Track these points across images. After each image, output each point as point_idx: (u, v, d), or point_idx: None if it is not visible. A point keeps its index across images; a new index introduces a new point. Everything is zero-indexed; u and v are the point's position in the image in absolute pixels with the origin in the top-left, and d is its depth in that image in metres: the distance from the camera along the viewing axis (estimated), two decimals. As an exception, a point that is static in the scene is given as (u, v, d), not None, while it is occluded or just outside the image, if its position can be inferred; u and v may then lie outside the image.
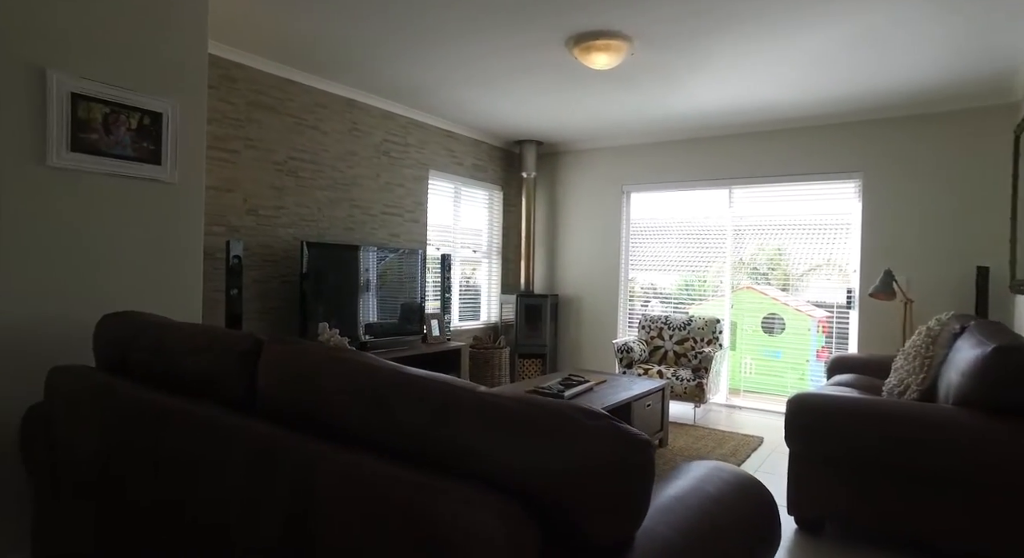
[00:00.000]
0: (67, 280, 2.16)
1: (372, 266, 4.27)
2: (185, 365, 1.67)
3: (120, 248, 2.30)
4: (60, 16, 2.13)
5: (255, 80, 3.74)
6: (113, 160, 2.27)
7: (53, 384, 1.92)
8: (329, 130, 4.22)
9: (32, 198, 2.08)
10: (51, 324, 2.13)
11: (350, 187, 4.37)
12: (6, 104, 2.02)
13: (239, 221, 3.68)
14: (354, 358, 1.37)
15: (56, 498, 1.93)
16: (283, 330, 3.92)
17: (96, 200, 2.23)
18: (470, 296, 5.76)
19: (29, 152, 2.07)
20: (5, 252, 2.02)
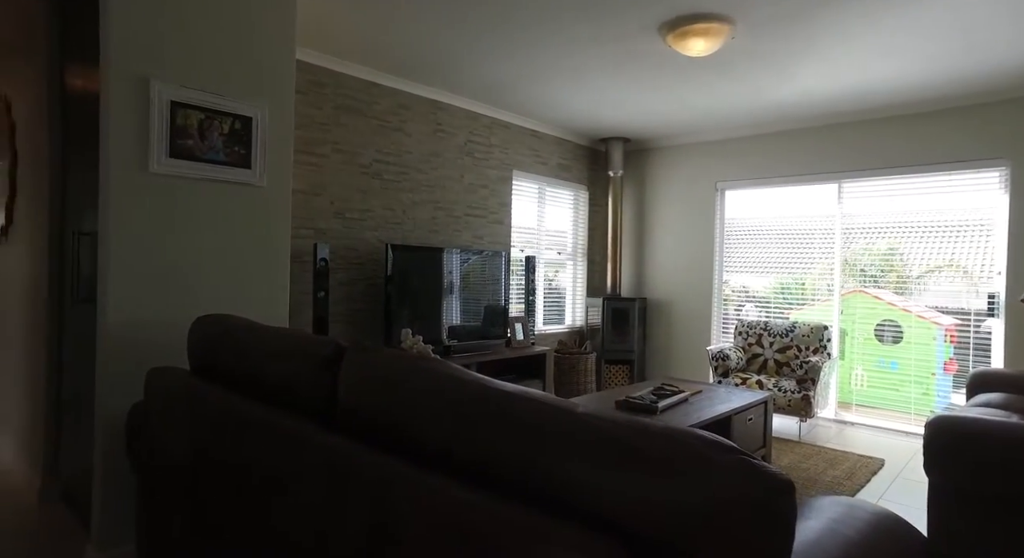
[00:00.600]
0: (167, 283, 2.21)
1: (455, 268, 4.21)
2: (267, 370, 1.62)
3: (214, 251, 2.33)
4: (161, 29, 2.18)
5: (342, 84, 3.78)
6: (207, 165, 2.30)
7: (150, 384, 1.96)
8: (413, 132, 4.21)
9: (135, 204, 2.13)
10: (154, 325, 2.18)
11: (434, 189, 4.34)
12: (118, 115, 2.08)
13: (326, 224, 3.72)
14: (438, 369, 1.25)
15: (153, 494, 1.96)
16: (368, 333, 3.94)
17: (191, 204, 2.27)
18: (554, 299, 5.61)
19: (134, 159, 2.12)
20: (113, 257, 2.08)
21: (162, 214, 2.20)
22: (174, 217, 2.23)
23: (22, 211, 3.16)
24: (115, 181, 2.10)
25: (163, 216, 2.20)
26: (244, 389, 1.69)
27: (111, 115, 2.08)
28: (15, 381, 3.30)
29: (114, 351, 2.10)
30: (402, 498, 1.04)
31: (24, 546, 2.30)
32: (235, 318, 1.96)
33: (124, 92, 2.10)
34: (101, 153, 2.13)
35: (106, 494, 2.13)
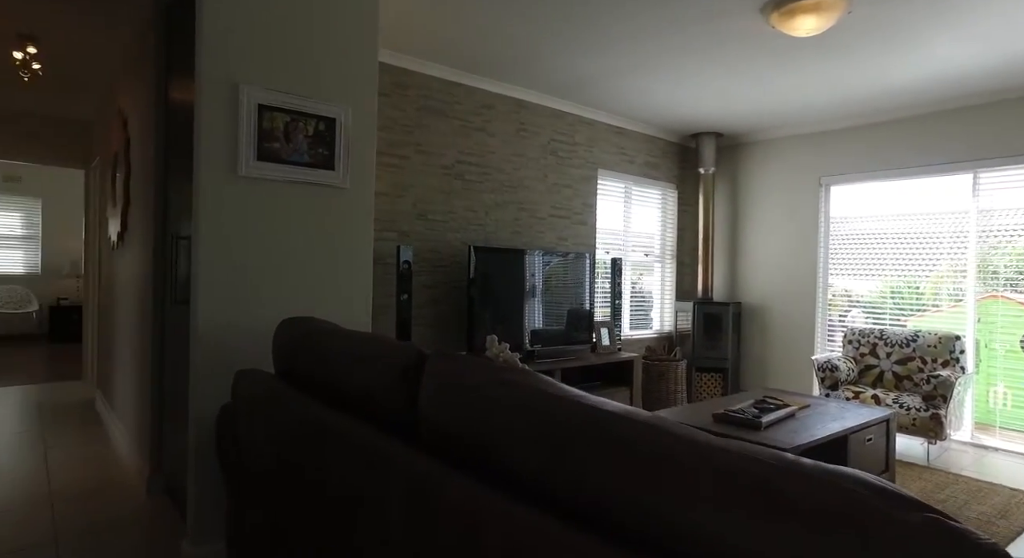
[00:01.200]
0: (254, 285, 2.21)
1: (538, 271, 4.08)
2: (347, 377, 1.55)
3: (298, 254, 2.33)
4: (250, 35, 2.19)
5: (424, 85, 3.75)
6: (291, 167, 2.30)
7: (237, 387, 1.95)
8: (496, 131, 4.12)
9: (224, 207, 2.15)
10: (242, 327, 2.19)
11: (517, 189, 4.24)
12: (210, 120, 2.11)
13: (409, 226, 3.70)
14: (529, 384, 1.11)
15: (240, 496, 1.96)
16: (451, 337, 3.88)
17: (277, 207, 2.27)
18: (639, 303, 5.35)
19: (224, 163, 2.15)
20: (203, 260, 2.11)
21: (249, 217, 2.21)
22: (260, 220, 2.24)
23: (134, 218, 3.34)
24: (206, 185, 2.12)
25: (250, 219, 2.21)
26: (324, 395, 1.63)
27: (203, 121, 2.11)
28: (129, 375, 3.50)
29: (205, 352, 2.13)
30: (494, 534, 0.91)
31: (132, 536, 2.38)
32: (317, 321, 1.92)
33: (215, 98, 2.13)
34: (195, 158, 2.17)
35: (200, 492, 2.16)
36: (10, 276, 7.68)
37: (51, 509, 2.63)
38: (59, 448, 3.49)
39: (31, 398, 4.74)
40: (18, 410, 4.36)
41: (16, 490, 2.86)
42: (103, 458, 3.33)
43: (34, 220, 7.88)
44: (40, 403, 4.59)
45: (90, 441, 3.65)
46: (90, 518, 2.55)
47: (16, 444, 3.55)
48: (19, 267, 7.79)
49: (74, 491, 2.84)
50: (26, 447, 3.49)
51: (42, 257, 7.93)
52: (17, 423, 4.01)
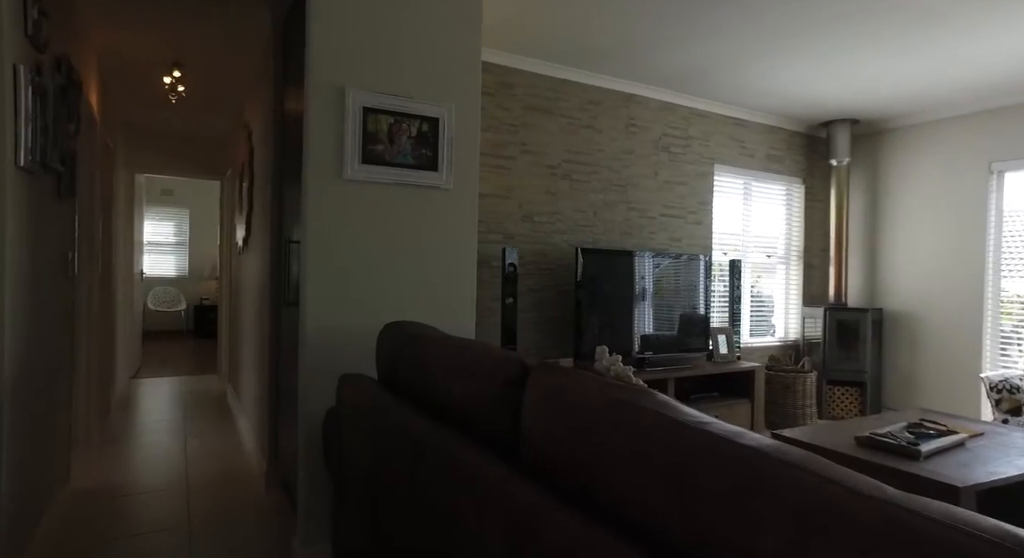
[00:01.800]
0: (360, 288, 2.21)
1: (649, 273, 3.84)
2: (446, 387, 1.46)
3: (402, 257, 2.30)
4: (356, 39, 2.20)
5: (530, 83, 3.66)
6: (395, 169, 2.28)
7: (341, 391, 1.95)
8: (604, 128, 3.94)
9: (331, 211, 2.17)
10: (348, 330, 2.20)
11: (626, 188, 4.03)
12: (318, 125, 2.14)
13: (515, 228, 3.62)
14: (643, 405, 0.95)
15: (343, 501, 1.95)
16: (557, 342, 3.75)
17: (381, 209, 2.26)
18: (759, 308, 4.92)
19: (330, 167, 2.17)
20: (311, 264, 2.14)
21: (354, 220, 2.21)
22: (365, 222, 2.23)
23: (256, 224, 3.54)
24: (313, 189, 2.15)
25: (355, 222, 2.21)
26: (424, 405, 1.56)
27: (312, 125, 2.14)
28: (251, 373, 3.71)
29: (313, 355, 2.15)
30: (599, 590, 0.76)
31: (250, 529, 2.48)
32: (419, 326, 1.86)
33: (323, 103, 2.15)
34: (303, 163, 2.21)
35: (308, 493, 2.19)
36: (163, 278, 8.60)
37: (186, 496, 2.82)
38: (196, 437, 3.77)
39: (176, 388, 5.22)
40: (168, 399, 4.80)
41: (161, 474, 3.10)
42: (231, 449, 3.55)
43: (183, 228, 8.77)
44: (183, 393, 5.03)
45: (221, 432, 3.92)
46: (217, 507, 2.70)
47: (165, 430, 3.89)
48: (171, 270, 8.71)
49: (206, 480, 3.03)
50: (171, 434, 3.81)
51: (189, 261, 8.81)
52: (167, 411, 4.41)
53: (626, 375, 1.34)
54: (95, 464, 3.24)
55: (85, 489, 2.87)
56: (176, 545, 2.34)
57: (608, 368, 1.36)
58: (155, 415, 4.31)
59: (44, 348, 2.21)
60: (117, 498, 2.77)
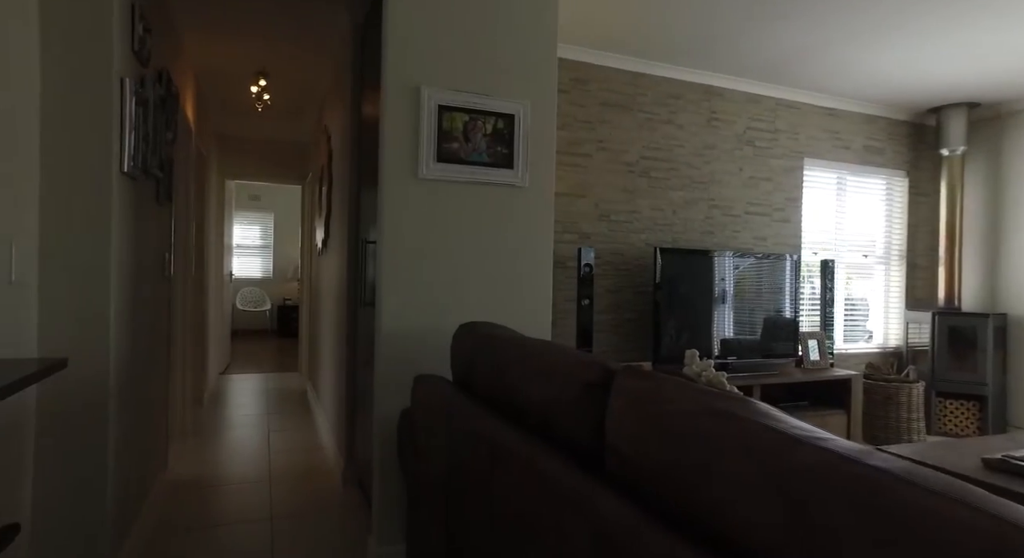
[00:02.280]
0: (435, 288, 2.20)
1: (732, 274, 3.64)
2: (524, 390, 1.40)
3: (477, 256, 2.27)
4: (431, 38, 2.19)
5: (606, 78, 3.55)
6: (471, 167, 2.25)
7: (416, 392, 1.93)
8: (684, 123, 3.77)
9: (406, 210, 2.16)
10: (423, 331, 2.19)
11: (708, 185, 3.84)
12: (394, 124, 2.15)
13: (591, 228, 3.52)
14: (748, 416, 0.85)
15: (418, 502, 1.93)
16: (635, 345, 3.62)
17: (456, 208, 2.23)
18: (853, 312, 4.56)
19: (406, 167, 2.16)
20: (387, 264, 2.14)
21: (429, 219, 2.20)
22: (440, 222, 2.21)
23: (334, 226, 3.63)
24: (389, 189, 2.15)
25: (430, 221, 2.20)
26: (501, 408, 1.50)
27: (388, 125, 2.15)
28: (328, 371, 3.80)
29: (388, 355, 2.15)
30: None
31: (328, 525, 2.52)
32: (494, 327, 1.82)
33: (399, 102, 2.15)
34: (379, 163, 2.22)
35: (384, 493, 2.19)
36: (250, 279, 9.07)
37: (269, 490, 2.91)
38: (278, 432, 3.91)
39: (261, 385, 5.46)
40: (253, 396, 5.03)
41: (246, 467, 3.22)
42: (310, 445, 3.65)
43: (268, 231, 9.23)
44: (267, 390, 5.26)
45: (301, 428, 4.05)
46: (297, 502, 2.77)
47: (250, 425, 4.06)
48: (257, 272, 9.18)
49: (287, 474, 3.12)
50: (256, 428, 3.98)
51: (273, 263, 9.26)
52: (252, 407, 4.61)
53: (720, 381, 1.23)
54: (188, 455, 3.41)
55: (180, 479, 3.03)
56: (260, 538, 2.40)
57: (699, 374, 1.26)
58: (242, 410, 4.51)
59: (145, 345, 2.33)
60: (207, 488, 2.90)
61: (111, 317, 1.83)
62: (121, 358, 1.97)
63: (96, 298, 1.80)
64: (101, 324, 1.81)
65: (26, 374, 1.31)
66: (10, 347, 1.59)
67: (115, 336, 1.87)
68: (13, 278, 1.60)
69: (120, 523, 2.01)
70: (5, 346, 1.57)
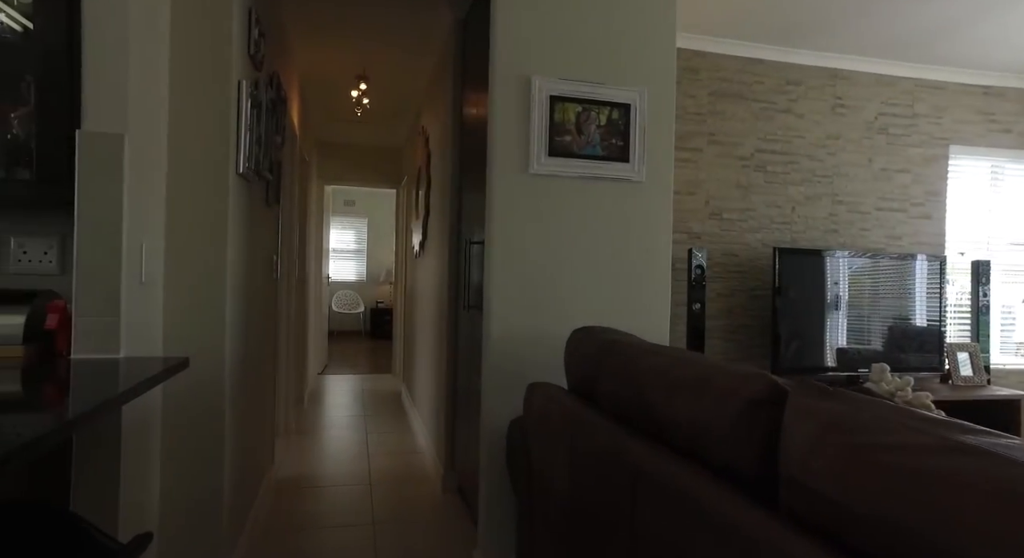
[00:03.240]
0: (546, 290, 2.07)
1: (860, 277, 3.26)
2: (665, 406, 1.23)
3: (591, 256, 2.11)
4: (541, 26, 2.07)
5: (718, 66, 3.30)
6: (584, 161, 2.10)
7: (529, 402, 1.80)
8: (805, 111, 3.44)
9: (516, 208, 2.05)
10: (534, 335, 2.06)
11: (832, 179, 3.48)
12: (503, 118, 2.04)
13: (701, 227, 3.27)
14: (1004, 454, 0.65)
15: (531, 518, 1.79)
16: (749, 354, 3.33)
17: (568, 205, 2.09)
18: (1012, 322, 3.99)
19: (516, 162, 2.05)
20: (496, 265, 2.03)
21: (540, 217, 2.07)
22: (552, 220, 2.08)
23: (433, 227, 3.59)
24: (498, 186, 2.04)
25: (541, 219, 2.07)
26: (632, 423, 1.34)
27: (497, 119, 2.04)
28: (426, 374, 3.77)
29: (497, 360, 2.04)
30: None
31: (430, 533, 2.45)
32: (615, 333, 1.65)
33: (508, 94, 2.04)
34: (488, 159, 2.12)
35: (490, 505, 2.07)
36: (345, 283, 9.38)
37: (369, 493, 2.89)
38: (375, 433, 3.93)
39: (357, 386, 5.57)
40: (349, 396, 5.12)
41: (346, 468, 3.23)
42: (407, 448, 3.62)
43: (362, 235, 9.52)
44: (363, 391, 5.34)
45: (397, 430, 4.05)
46: (397, 507, 2.72)
47: (348, 425, 4.12)
48: (352, 275, 9.48)
49: (386, 478, 3.10)
50: (353, 429, 4.02)
51: (366, 266, 9.53)
52: (349, 407, 4.69)
53: (925, 404, 1.00)
54: (292, 453, 3.47)
55: (286, 476, 3.07)
56: (363, 543, 2.36)
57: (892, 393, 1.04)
58: (339, 410, 4.59)
59: (256, 345, 2.35)
60: (311, 488, 2.91)
61: (227, 317, 1.83)
62: (235, 357, 1.98)
63: (213, 298, 1.80)
64: (218, 324, 1.81)
65: (151, 375, 1.29)
66: (140, 345, 1.61)
67: (230, 336, 1.87)
68: (143, 278, 1.61)
69: (235, 522, 2.01)
70: (136, 344, 1.58)
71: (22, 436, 0.80)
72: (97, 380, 1.29)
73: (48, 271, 1.69)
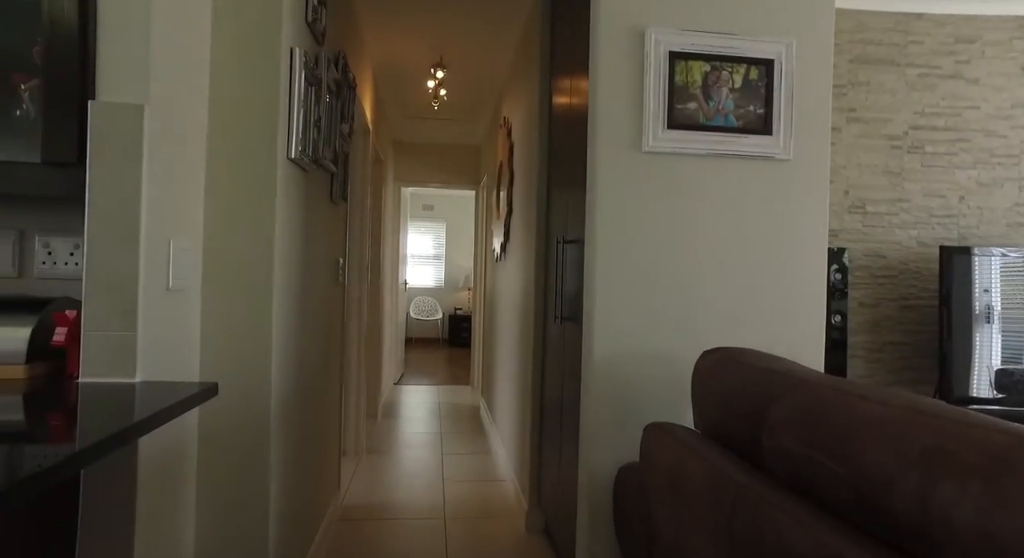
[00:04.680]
0: (664, 301, 1.62)
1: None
2: (913, 498, 0.75)
3: (718, 256, 1.64)
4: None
5: (862, 26, 2.71)
6: (713, 135, 1.64)
7: (648, 449, 1.35)
8: (980, 75, 2.78)
9: (626, 195, 1.61)
10: (649, 356, 1.61)
11: (1018, 159, 2.79)
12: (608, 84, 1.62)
13: (839, 222, 2.70)
14: None
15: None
16: (898, 378, 2.70)
17: (691, 192, 1.63)
18: None
19: (625, 138, 1.62)
20: (601, 269, 1.61)
21: (657, 205, 1.62)
22: (672, 210, 1.63)
23: (516, 227, 3.21)
24: (603, 170, 1.62)
25: (659, 209, 1.62)
26: (846, 513, 0.87)
27: (601, 85, 1.62)
28: (508, 393, 3.38)
29: (600, 390, 1.60)
30: None
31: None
32: (769, 358, 1.18)
33: (615, 53, 1.61)
34: (589, 138, 1.70)
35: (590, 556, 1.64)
36: (423, 289, 9.21)
37: (444, 526, 2.53)
38: (452, 455, 3.58)
39: (433, 399, 5.27)
40: (425, 410, 4.83)
41: (419, 496, 2.90)
42: (487, 475, 3.24)
43: (440, 240, 9.33)
44: (439, 404, 5.04)
45: (476, 452, 3.68)
46: (475, 546, 2.35)
47: (423, 444, 3.80)
48: (430, 281, 9.31)
49: (463, 509, 2.73)
50: (429, 449, 3.69)
51: (444, 272, 9.33)
52: (424, 422, 4.38)
53: None
54: (362, 476, 3.18)
55: (354, 504, 2.77)
56: (436, 599, 1.99)
57: None
58: (414, 426, 4.29)
59: (316, 357, 2.04)
60: (381, 520, 2.59)
61: (273, 330, 1.51)
62: (286, 373, 1.66)
63: (258, 304, 1.48)
64: (262, 339, 1.49)
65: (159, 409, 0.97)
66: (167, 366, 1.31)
67: (277, 348, 1.55)
68: (171, 284, 1.31)
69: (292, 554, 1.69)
70: (162, 365, 1.28)
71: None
72: (93, 412, 0.99)
73: (74, 275, 1.42)
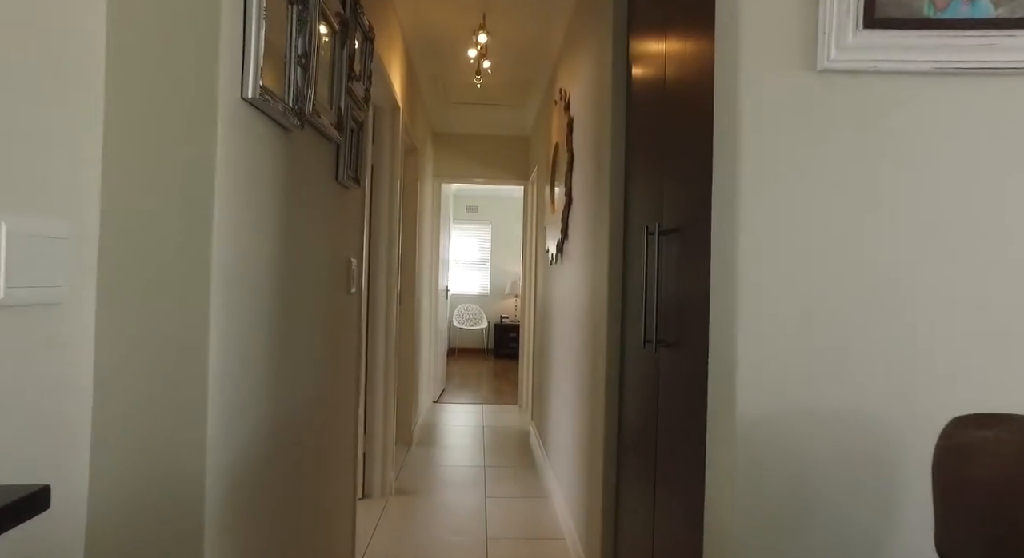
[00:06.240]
0: (862, 323, 0.94)
1: None
2: None
3: (971, 254, 0.96)
4: None
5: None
6: (948, 34, 0.95)
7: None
8: None
9: (789, 150, 0.95)
10: (834, 417, 0.95)
11: None
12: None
13: None
14: None
15: None
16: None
17: (912, 139, 0.96)
18: None
19: (786, 48, 0.96)
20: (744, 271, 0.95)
21: (849, 165, 0.96)
22: (873, 171, 0.96)
23: (577, 220, 2.58)
24: (750, 104, 0.96)
25: (851, 170, 0.96)
26: None
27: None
28: (568, 427, 2.74)
29: (745, 474, 0.94)
30: None
31: None
32: None
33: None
34: (716, 56, 1.06)
35: None
36: (467, 296, 8.63)
37: (484, 612, 1.91)
38: (498, 498, 2.96)
39: (476, 420, 4.66)
40: (467, 435, 4.21)
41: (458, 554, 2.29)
42: (540, 528, 2.60)
43: (485, 245, 8.73)
44: (483, 428, 4.42)
45: (526, 491, 3.05)
46: None
47: (463, 482, 3.19)
48: (474, 288, 8.72)
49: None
50: (470, 489, 3.07)
51: (490, 277, 8.72)
52: (466, 452, 3.77)
53: None
54: (387, 525, 2.58)
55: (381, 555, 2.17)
56: None
57: None
58: (453, 456, 3.68)
59: (309, 394, 1.44)
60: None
61: (210, 357, 0.91)
62: (242, 425, 1.06)
63: (188, 324, 0.89)
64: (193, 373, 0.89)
65: None
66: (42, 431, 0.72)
67: (216, 395, 0.96)
68: (2, 295, 0.72)
69: None
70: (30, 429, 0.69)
71: None
72: None
73: None
